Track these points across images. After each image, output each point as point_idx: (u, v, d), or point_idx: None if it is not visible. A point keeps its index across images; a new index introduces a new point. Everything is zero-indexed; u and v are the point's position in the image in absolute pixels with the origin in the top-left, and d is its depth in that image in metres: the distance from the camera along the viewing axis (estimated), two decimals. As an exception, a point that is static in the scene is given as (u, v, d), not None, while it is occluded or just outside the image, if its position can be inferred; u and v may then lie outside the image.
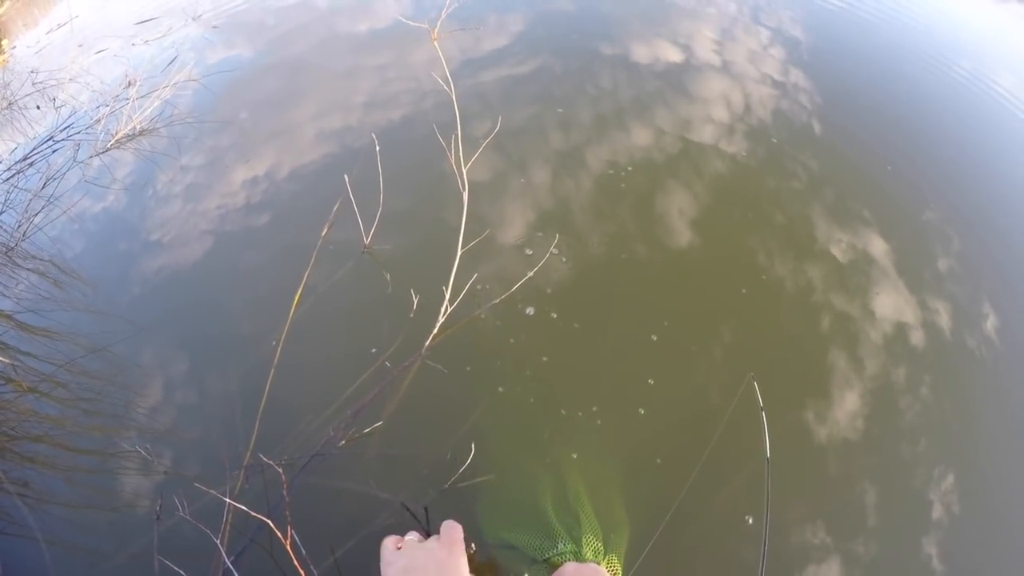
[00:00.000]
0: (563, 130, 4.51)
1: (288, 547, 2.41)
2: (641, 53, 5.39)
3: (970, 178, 4.76)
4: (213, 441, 3.02)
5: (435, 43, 3.20)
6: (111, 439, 3.14)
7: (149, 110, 4.74)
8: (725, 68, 5.33)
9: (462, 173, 3.18)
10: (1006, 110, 5.74)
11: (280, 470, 2.60)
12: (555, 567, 2.53)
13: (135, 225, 4.13)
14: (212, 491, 2.67)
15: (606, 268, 3.65)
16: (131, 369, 3.41)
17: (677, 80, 5.14)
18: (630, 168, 4.24)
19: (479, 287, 3.35)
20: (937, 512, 3.18)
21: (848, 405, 3.27)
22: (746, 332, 3.45)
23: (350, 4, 6.40)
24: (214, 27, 6.04)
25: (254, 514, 2.46)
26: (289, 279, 3.49)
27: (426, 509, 2.50)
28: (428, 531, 1.80)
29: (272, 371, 3.14)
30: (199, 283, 3.73)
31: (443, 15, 3.46)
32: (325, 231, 3.68)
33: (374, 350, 3.20)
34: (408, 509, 2.59)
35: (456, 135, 3.20)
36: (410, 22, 3.84)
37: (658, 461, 2.90)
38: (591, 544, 2.59)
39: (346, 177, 3.59)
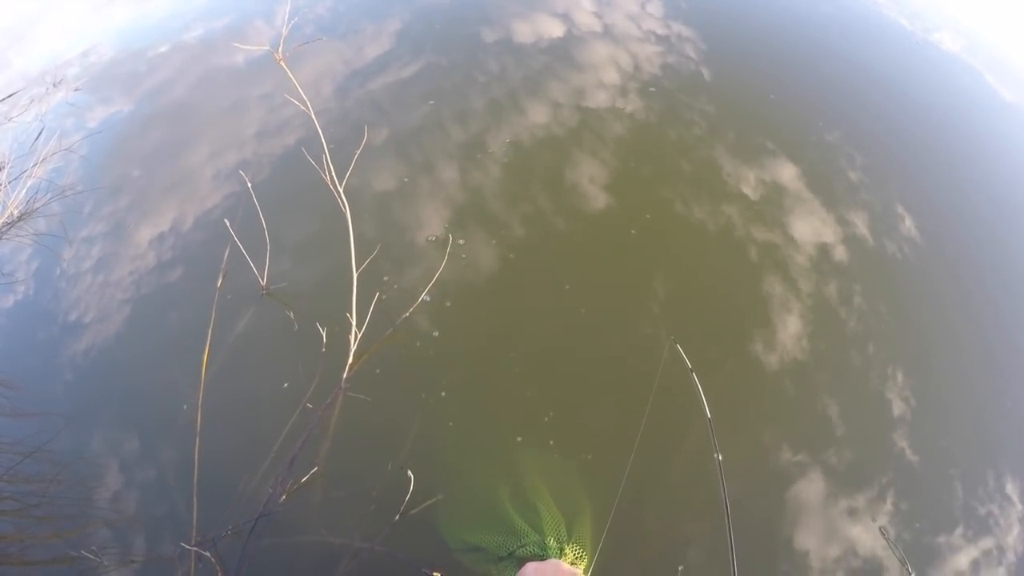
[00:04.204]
0: (444, 125, 4.38)
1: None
2: (522, 31, 5.23)
3: (863, 88, 4.81)
4: (159, 525, 2.93)
5: (281, 64, 2.93)
6: (68, 542, 3.06)
7: (24, 192, 4.44)
8: (606, 32, 5.21)
9: (339, 192, 2.99)
10: (887, 20, 5.80)
11: (213, 559, 2.53)
12: (522, 560, 2.52)
13: (36, 316, 3.92)
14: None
15: (511, 254, 3.54)
16: (70, 464, 3.30)
17: (557, 52, 5.02)
18: (508, 141, 4.15)
19: (384, 306, 3.22)
20: (898, 408, 3.20)
21: (790, 330, 3.25)
22: (668, 290, 3.41)
23: (213, 37, 6.06)
24: (76, 90, 5.65)
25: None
26: (196, 339, 3.33)
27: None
28: None
29: (197, 439, 3.02)
30: (113, 363, 3.56)
31: (284, 33, 3.17)
32: (220, 282, 3.51)
33: (286, 385, 3.09)
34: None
35: (325, 155, 2.99)
36: (249, 47, 3.55)
37: (589, 456, 2.87)
38: (554, 532, 2.56)
39: (227, 222, 3.41)
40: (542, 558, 2.48)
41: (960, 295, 3.57)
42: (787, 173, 3.91)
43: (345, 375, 2.99)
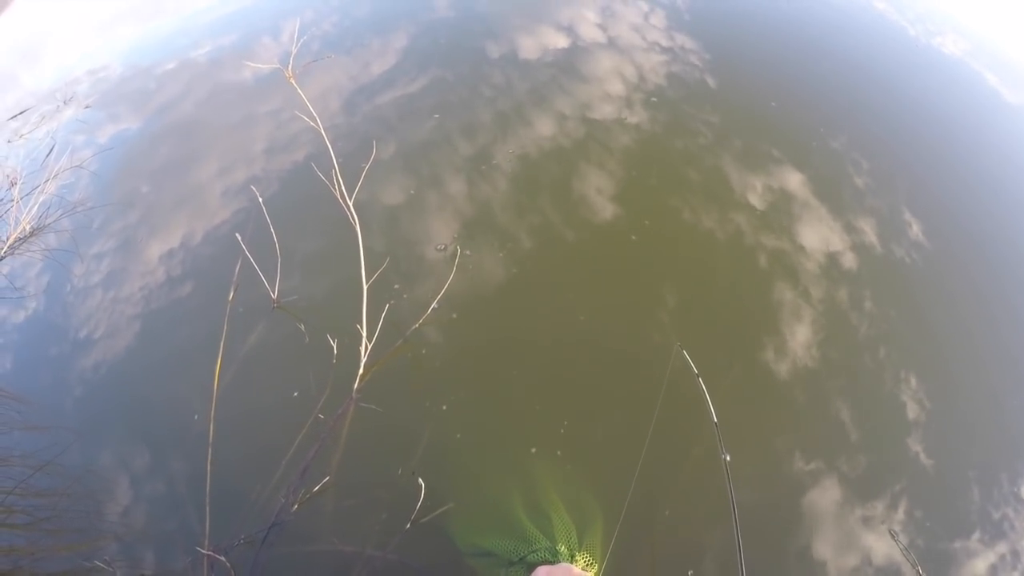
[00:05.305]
0: (450, 138, 4.44)
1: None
2: (527, 45, 5.31)
3: (866, 92, 4.84)
4: (170, 536, 2.93)
5: (291, 81, 2.98)
6: (79, 555, 3.06)
7: (36, 207, 4.49)
8: (610, 44, 5.28)
9: (349, 206, 3.03)
10: (889, 25, 5.86)
11: (228, 563, 2.53)
12: (532, 565, 2.52)
13: (47, 331, 3.95)
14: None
15: (519, 264, 3.57)
16: (81, 477, 3.30)
17: (561, 64, 5.08)
18: (514, 153, 4.19)
19: (394, 318, 3.24)
20: (912, 412, 3.19)
21: (798, 335, 3.25)
22: (675, 298, 3.43)
23: (220, 54, 6.15)
24: (86, 107, 5.72)
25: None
26: (207, 352, 3.36)
27: None
28: None
29: (210, 451, 3.04)
30: (124, 377, 3.58)
31: (294, 51, 3.24)
32: (231, 296, 3.54)
33: (296, 395, 3.12)
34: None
35: (334, 170, 3.03)
36: (259, 64, 3.61)
37: (598, 463, 2.88)
38: (565, 539, 2.55)
39: (238, 236, 3.45)
40: (553, 563, 2.47)
41: (971, 296, 3.58)
42: (793, 180, 3.94)
43: (356, 385, 3.01)
